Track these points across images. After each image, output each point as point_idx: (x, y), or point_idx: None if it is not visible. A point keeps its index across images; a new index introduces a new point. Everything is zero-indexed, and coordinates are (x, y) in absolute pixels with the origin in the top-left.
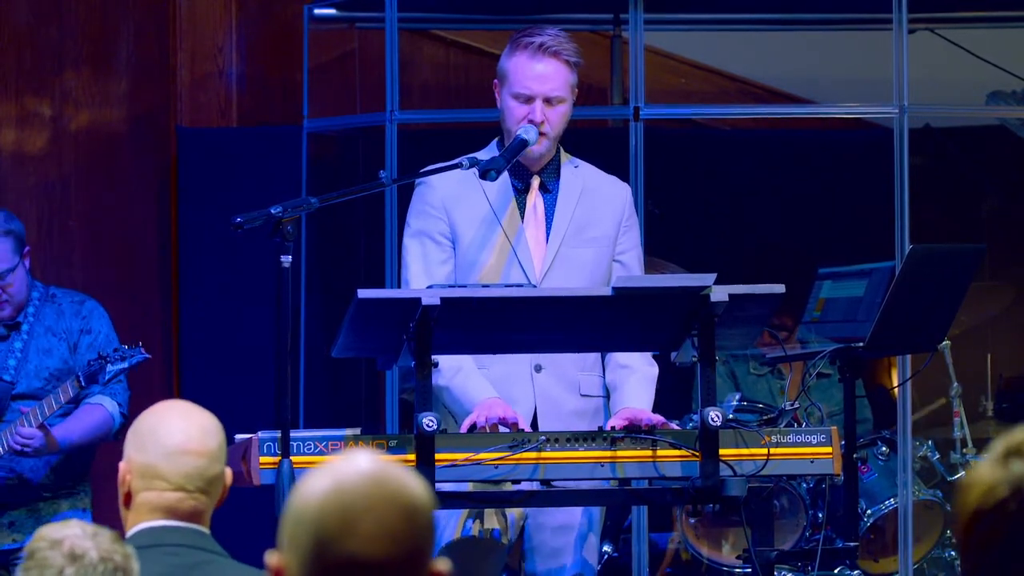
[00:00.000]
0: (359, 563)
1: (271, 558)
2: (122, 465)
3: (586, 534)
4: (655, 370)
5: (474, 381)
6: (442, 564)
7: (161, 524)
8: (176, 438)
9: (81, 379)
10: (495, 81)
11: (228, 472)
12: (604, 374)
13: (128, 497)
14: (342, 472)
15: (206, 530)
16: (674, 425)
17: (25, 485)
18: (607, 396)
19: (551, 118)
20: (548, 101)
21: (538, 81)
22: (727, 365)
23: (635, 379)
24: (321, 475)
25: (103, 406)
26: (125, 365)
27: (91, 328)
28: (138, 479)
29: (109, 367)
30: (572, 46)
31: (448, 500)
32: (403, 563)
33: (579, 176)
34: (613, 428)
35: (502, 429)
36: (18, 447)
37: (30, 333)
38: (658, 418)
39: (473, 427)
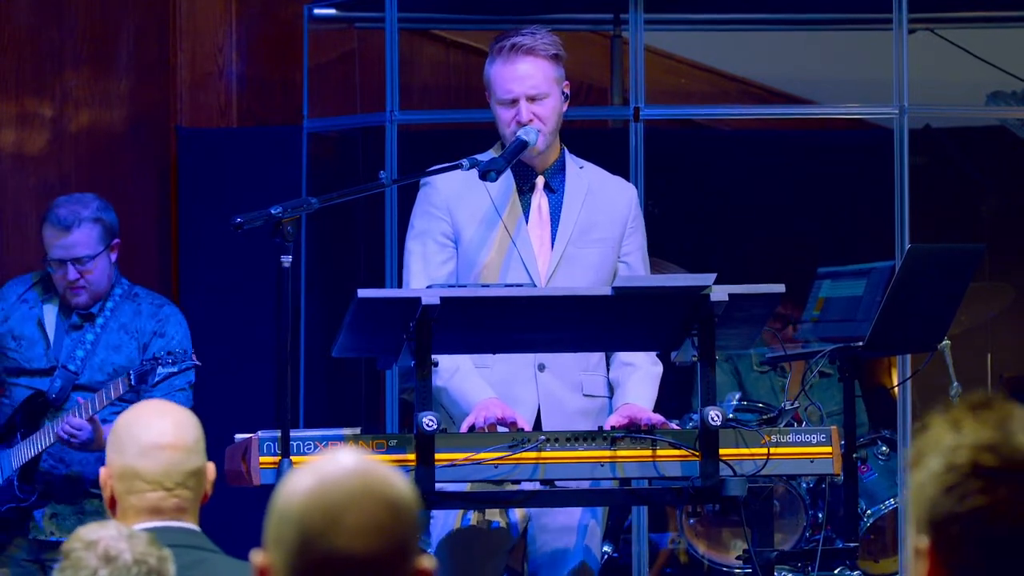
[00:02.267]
0: (344, 558)
1: (256, 557)
2: (103, 471)
3: (588, 535)
4: (659, 369)
5: (472, 382)
6: (428, 561)
7: (150, 526)
8: (149, 435)
9: (132, 377)
10: (486, 92)
11: (210, 467)
12: (608, 373)
13: (112, 502)
14: (325, 469)
15: (196, 527)
16: (673, 425)
17: (72, 479)
18: (611, 395)
19: (540, 113)
20: (531, 99)
21: (517, 82)
22: (730, 362)
23: (638, 376)
24: (304, 473)
25: None
26: (174, 369)
27: (165, 332)
28: (119, 481)
29: (160, 369)
30: (550, 39)
31: (448, 500)
32: (388, 558)
33: (584, 177)
34: (613, 428)
35: (500, 429)
36: (65, 436)
37: (104, 327)
38: (658, 418)
39: (472, 428)
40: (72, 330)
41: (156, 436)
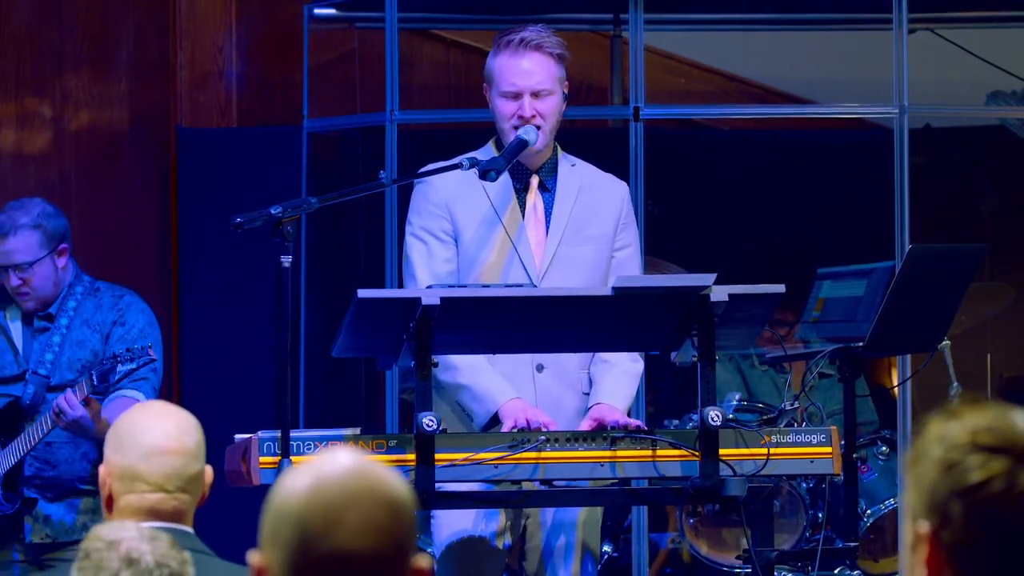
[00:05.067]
0: (344, 557)
1: (253, 557)
2: (102, 468)
3: (587, 533)
4: (638, 366)
5: (495, 380)
6: (424, 561)
7: (144, 526)
8: (154, 438)
9: (94, 378)
10: (484, 84)
11: (208, 470)
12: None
13: (110, 500)
14: (323, 469)
15: (190, 529)
16: (636, 423)
17: (60, 480)
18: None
19: (541, 110)
20: (536, 95)
21: (523, 76)
22: (733, 361)
23: (613, 375)
24: (301, 473)
25: (138, 400)
26: (133, 366)
27: (125, 321)
28: (118, 482)
29: (120, 367)
30: (555, 39)
31: (448, 500)
32: (387, 557)
33: (576, 174)
34: (613, 428)
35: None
36: (57, 409)
37: (68, 327)
38: (625, 419)
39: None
40: (38, 333)
41: (160, 440)
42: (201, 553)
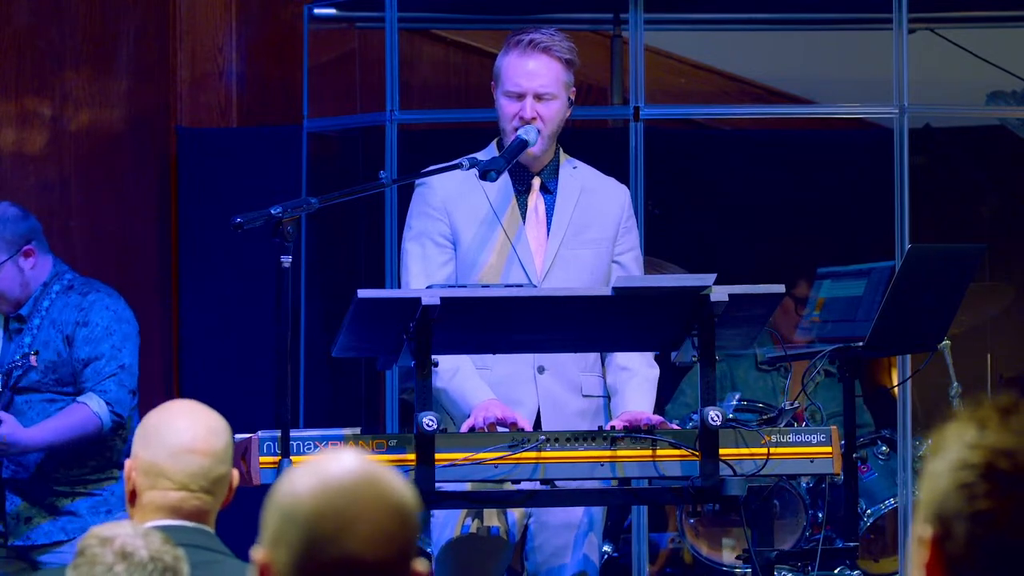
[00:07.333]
0: (352, 562)
1: (257, 554)
2: (128, 462)
3: (588, 533)
4: (656, 371)
5: (472, 383)
6: (421, 565)
7: (165, 524)
8: (181, 437)
9: None
10: (492, 82)
11: (235, 473)
12: (604, 374)
13: (133, 495)
14: (330, 472)
15: (211, 529)
16: (672, 426)
17: (36, 479)
18: (607, 396)
19: (543, 114)
20: (539, 97)
21: (527, 77)
22: (724, 362)
23: (636, 382)
24: (307, 473)
25: (87, 405)
26: (20, 372)
27: (88, 320)
28: (143, 477)
29: (15, 372)
30: (566, 44)
31: (448, 500)
32: (393, 563)
33: (577, 177)
34: (613, 428)
35: (500, 430)
36: None
37: (39, 327)
38: (657, 418)
39: (471, 430)
40: (15, 335)
41: (188, 440)
42: (219, 553)
